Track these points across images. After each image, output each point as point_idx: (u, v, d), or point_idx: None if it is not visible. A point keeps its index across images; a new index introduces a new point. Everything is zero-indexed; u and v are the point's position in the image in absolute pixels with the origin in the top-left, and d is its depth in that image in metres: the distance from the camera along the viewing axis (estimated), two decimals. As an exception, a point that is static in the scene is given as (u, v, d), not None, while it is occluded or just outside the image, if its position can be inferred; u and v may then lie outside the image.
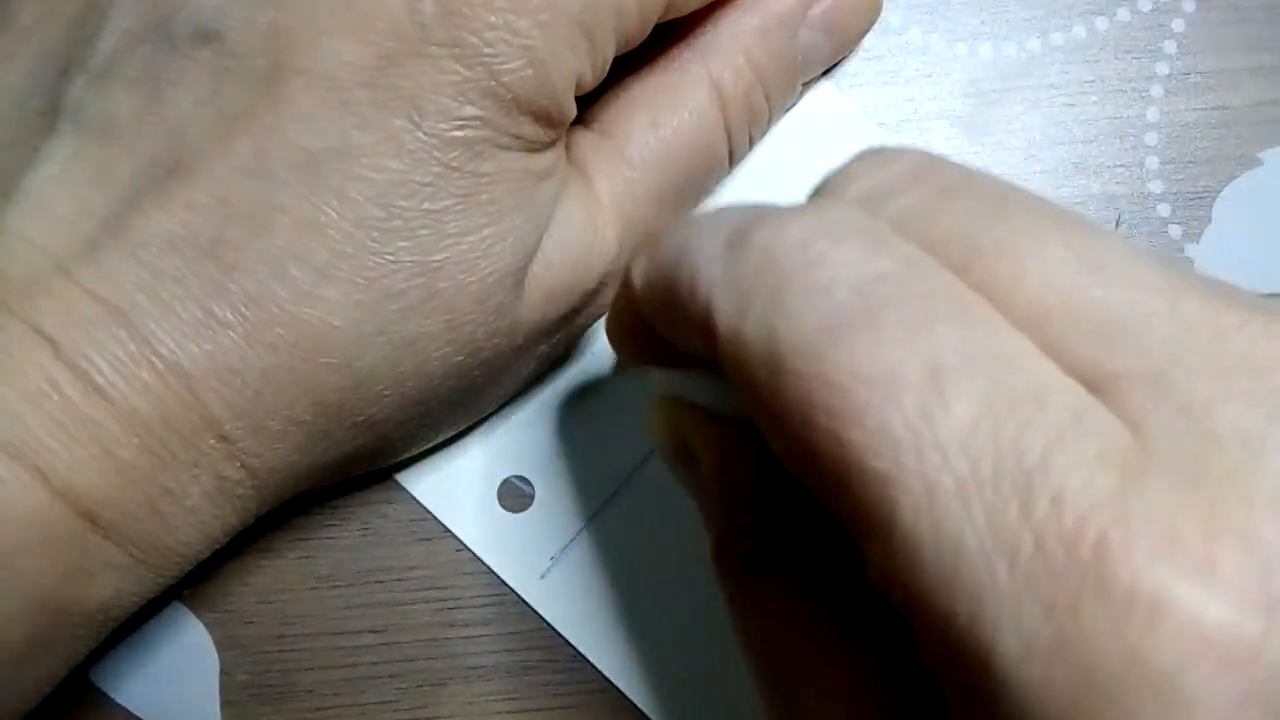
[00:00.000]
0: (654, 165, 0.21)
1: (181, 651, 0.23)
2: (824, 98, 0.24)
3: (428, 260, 0.17)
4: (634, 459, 0.23)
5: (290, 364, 0.17)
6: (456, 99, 0.17)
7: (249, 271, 0.17)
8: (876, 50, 0.25)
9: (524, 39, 0.17)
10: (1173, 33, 0.25)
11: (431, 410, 0.19)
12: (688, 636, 0.23)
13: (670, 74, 0.21)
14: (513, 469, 0.23)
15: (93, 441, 0.16)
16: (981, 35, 0.25)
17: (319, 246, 0.17)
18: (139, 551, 0.17)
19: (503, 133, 0.17)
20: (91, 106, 0.17)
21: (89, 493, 0.16)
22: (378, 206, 0.17)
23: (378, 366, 0.18)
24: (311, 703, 0.23)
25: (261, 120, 0.17)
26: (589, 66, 0.18)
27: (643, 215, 0.21)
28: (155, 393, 0.16)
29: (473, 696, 0.23)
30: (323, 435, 0.18)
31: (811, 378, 0.12)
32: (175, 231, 0.17)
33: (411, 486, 0.23)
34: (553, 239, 0.19)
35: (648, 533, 0.23)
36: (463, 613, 0.23)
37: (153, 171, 0.17)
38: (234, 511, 0.18)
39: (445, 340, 0.18)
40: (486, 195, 0.18)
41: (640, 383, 0.23)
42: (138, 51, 0.17)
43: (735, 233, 0.14)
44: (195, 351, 0.17)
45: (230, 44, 0.17)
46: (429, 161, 0.17)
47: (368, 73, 0.17)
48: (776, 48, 0.22)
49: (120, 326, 0.16)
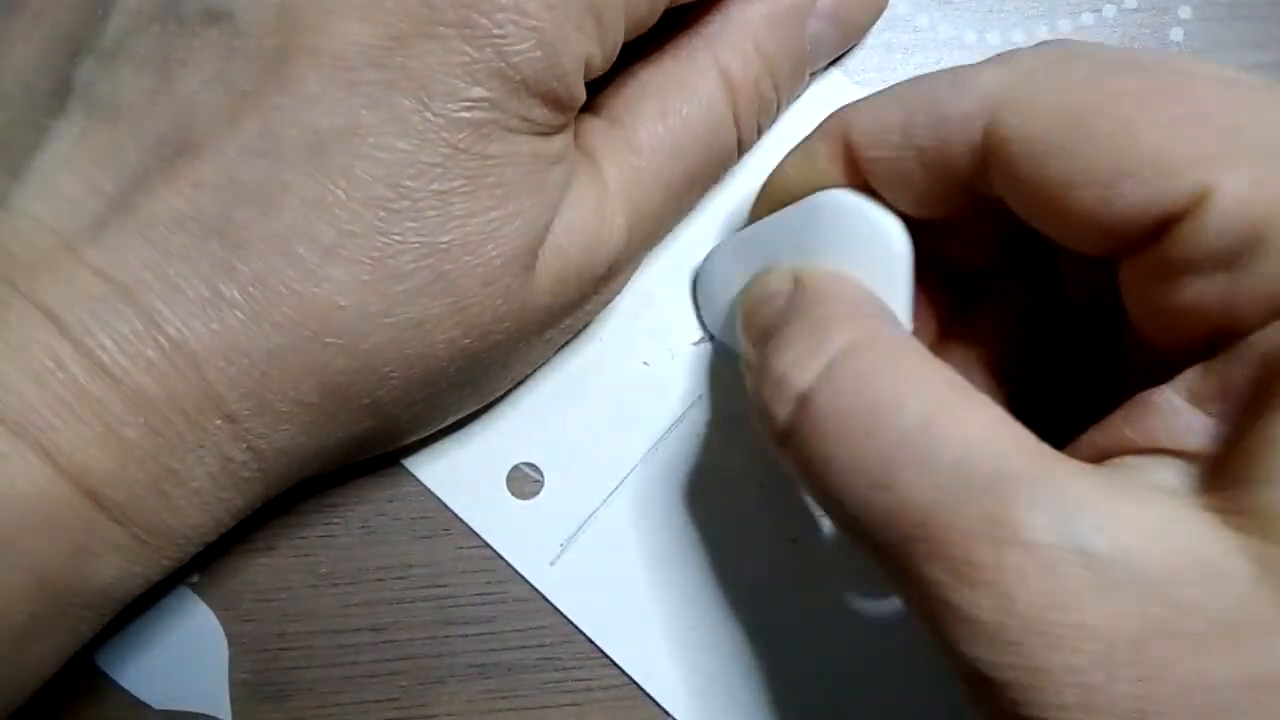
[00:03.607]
0: (663, 153, 0.21)
1: (189, 636, 0.23)
2: (833, 86, 0.25)
3: (435, 241, 0.18)
4: (644, 446, 0.24)
5: (297, 344, 0.17)
6: (465, 80, 0.17)
7: (256, 251, 0.17)
8: (885, 39, 0.25)
9: (533, 20, 0.17)
10: (1180, 19, 0.25)
11: (438, 393, 0.20)
12: (698, 622, 0.23)
13: (679, 62, 0.22)
14: (522, 455, 0.24)
15: (97, 420, 0.16)
16: (990, 23, 0.25)
17: (326, 226, 0.17)
18: (143, 532, 0.17)
19: (511, 115, 0.18)
20: (100, 86, 0.18)
21: (93, 471, 0.16)
22: (385, 186, 0.17)
23: (384, 348, 0.18)
24: (312, 700, 0.23)
25: (270, 100, 0.17)
26: (598, 49, 0.19)
27: (651, 203, 0.21)
28: (161, 371, 0.17)
29: (473, 694, 0.23)
30: (329, 417, 0.18)
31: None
32: (183, 210, 0.17)
33: (420, 473, 0.24)
34: (562, 224, 0.20)
35: (658, 519, 0.24)
36: (463, 611, 0.23)
37: (161, 151, 0.17)
38: (239, 494, 0.18)
39: (452, 323, 0.18)
40: (494, 178, 0.18)
41: (651, 371, 0.24)
42: (147, 31, 0.18)
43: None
44: (202, 330, 0.17)
45: (239, 24, 0.17)
46: (437, 142, 0.17)
47: (376, 53, 0.17)
48: (785, 37, 0.22)
49: (126, 305, 0.16)
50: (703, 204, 0.24)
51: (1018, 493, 0.15)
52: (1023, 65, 0.18)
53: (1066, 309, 0.21)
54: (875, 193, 0.20)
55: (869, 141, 0.19)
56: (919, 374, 0.17)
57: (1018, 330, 0.21)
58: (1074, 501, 0.15)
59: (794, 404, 0.18)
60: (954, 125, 0.18)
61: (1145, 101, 0.16)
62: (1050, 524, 0.15)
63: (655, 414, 0.24)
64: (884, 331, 0.18)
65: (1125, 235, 0.16)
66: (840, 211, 0.20)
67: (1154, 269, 0.17)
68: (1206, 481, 0.16)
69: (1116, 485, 0.15)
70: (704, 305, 0.24)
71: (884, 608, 0.23)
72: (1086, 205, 0.16)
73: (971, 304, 0.22)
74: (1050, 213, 0.17)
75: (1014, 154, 0.17)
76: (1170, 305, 0.16)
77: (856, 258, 0.19)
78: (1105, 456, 0.17)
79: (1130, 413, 0.17)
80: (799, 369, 0.18)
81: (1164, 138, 0.16)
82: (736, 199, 0.25)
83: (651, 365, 0.24)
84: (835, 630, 0.23)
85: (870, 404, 0.17)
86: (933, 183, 0.19)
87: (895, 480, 0.16)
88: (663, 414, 0.24)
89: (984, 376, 0.21)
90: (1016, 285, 0.22)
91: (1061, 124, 0.17)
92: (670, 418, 0.24)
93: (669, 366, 0.24)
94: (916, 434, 0.16)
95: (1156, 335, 0.17)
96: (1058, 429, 0.18)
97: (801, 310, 0.19)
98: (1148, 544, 0.15)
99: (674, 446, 0.24)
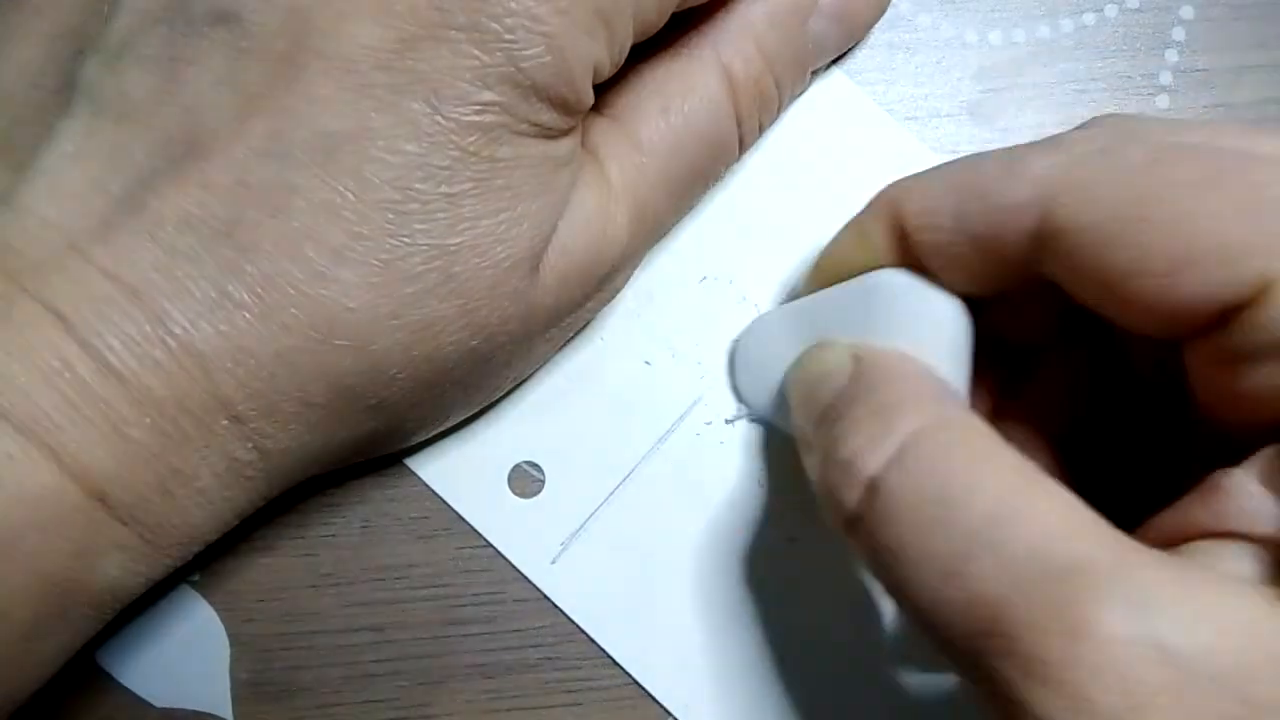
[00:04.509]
0: (664, 150, 0.21)
1: (190, 635, 0.23)
2: (834, 85, 0.25)
3: (444, 244, 0.18)
4: (645, 444, 0.24)
5: (305, 345, 0.17)
6: (475, 84, 0.17)
7: (264, 252, 0.17)
8: (887, 38, 0.26)
9: (544, 26, 0.17)
10: (1181, 19, 0.26)
11: (444, 394, 0.20)
12: (699, 621, 0.24)
13: (681, 60, 0.22)
14: (523, 454, 0.24)
15: (104, 420, 0.16)
16: (992, 22, 0.26)
17: (335, 228, 0.17)
18: (148, 532, 0.17)
19: (520, 119, 0.18)
20: (107, 85, 0.18)
21: (99, 472, 0.16)
22: (394, 189, 0.17)
23: (391, 349, 0.18)
24: (312, 700, 0.23)
25: (278, 102, 0.17)
26: (607, 55, 0.19)
27: (653, 201, 0.22)
28: (168, 372, 0.17)
29: (473, 694, 0.23)
30: (335, 418, 0.19)
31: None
32: (191, 211, 0.17)
33: (422, 472, 0.24)
34: (567, 224, 0.20)
35: (658, 518, 0.24)
36: (463, 610, 0.23)
37: (168, 151, 0.17)
38: (243, 493, 0.19)
39: (460, 324, 0.19)
40: (503, 180, 0.18)
41: (652, 370, 0.24)
42: (155, 31, 0.18)
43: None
44: (209, 331, 0.17)
45: (248, 25, 0.17)
46: (446, 145, 0.17)
47: (386, 56, 0.17)
48: (787, 35, 0.23)
49: (134, 305, 0.17)
50: (705, 202, 0.25)
51: (1093, 585, 0.14)
52: (1076, 150, 0.18)
53: (1125, 385, 0.21)
54: (929, 271, 0.20)
55: (921, 225, 0.19)
56: (990, 460, 0.17)
57: (1077, 408, 0.21)
58: (1151, 595, 0.14)
59: (863, 490, 0.17)
60: (1007, 213, 0.18)
61: (1203, 189, 0.16)
62: (1127, 619, 0.14)
63: (656, 413, 0.24)
64: (953, 415, 0.18)
65: (1188, 323, 0.16)
66: (898, 291, 0.20)
67: (1219, 355, 0.16)
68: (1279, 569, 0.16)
69: (1193, 576, 0.15)
70: (743, 377, 0.24)
71: (891, 607, 0.24)
72: (1147, 294, 0.16)
73: (1025, 380, 0.22)
74: (1110, 300, 0.17)
75: (1071, 244, 0.17)
76: (1237, 390, 0.16)
77: (915, 337, 0.19)
78: (1175, 541, 0.17)
79: (1202, 496, 0.17)
80: (868, 454, 0.17)
81: (1224, 227, 0.16)
82: (743, 196, 0.25)
83: (652, 364, 0.24)
84: (835, 629, 0.24)
85: (942, 491, 0.16)
86: (987, 266, 0.19)
87: (967, 571, 0.15)
88: (664, 413, 0.24)
89: (1042, 456, 0.21)
90: (1072, 361, 0.21)
91: (1119, 214, 0.16)
92: (671, 417, 0.24)
93: (670, 365, 0.24)
94: (989, 523, 0.16)
95: (1225, 418, 0.17)
96: (1122, 511, 0.17)
97: (866, 391, 0.18)
98: (1227, 640, 0.14)
99: (675, 445, 0.24)
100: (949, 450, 0.17)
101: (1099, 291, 0.17)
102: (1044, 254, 0.18)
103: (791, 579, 0.24)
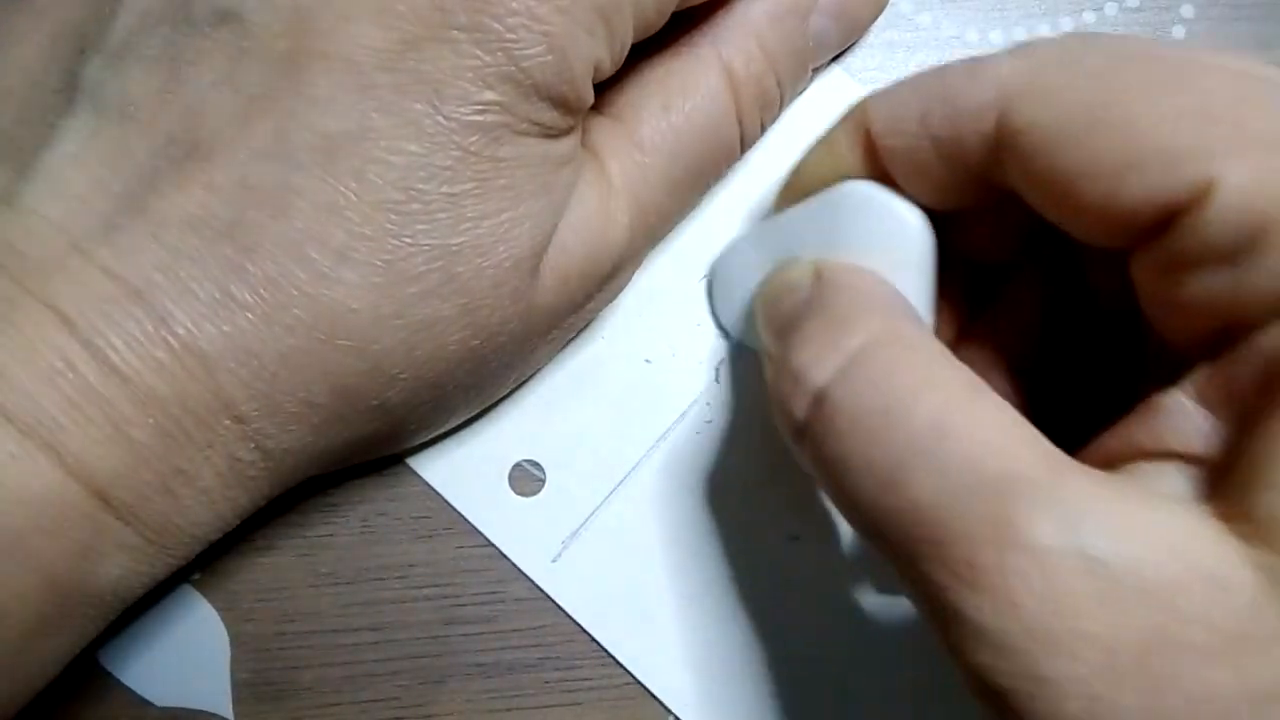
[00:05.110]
0: (666, 149, 0.21)
1: (191, 634, 0.23)
2: (835, 83, 0.25)
3: (446, 244, 0.18)
4: (646, 443, 0.24)
5: (307, 346, 0.18)
6: (476, 84, 0.17)
7: (267, 253, 0.17)
8: (887, 36, 0.26)
9: (544, 25, 0.17)
10: (1182, 18, 0.26)
11: (446, 394, 0.20)
12: (700, 619, 0.24)
13: (682, 58, 0.22)
14: (524, 453, 0.24)
15: (107, 421, 0.16)
16: (992, 21, 0.26)
17: (337, 229, 0.17)
18: (150, 532, 0.17)
19: (521, 118, 0.18)
20: (110, 86, 0.18)
21: (102, 472, 0.16)
22: (396, 189, 0.17)
23: (394, 350, 0.18)
24: (312, 700, 0.23)
25: (281, 103, 0.17)
26: (607, 53, 0.19)
27: (654, 200, 0.22)
28: (171, 373, 0.17)
29: (473, 694, 0.23)
30: (338, 418, 0.19)
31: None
32: (193, 212, 0.17)
33: (422, 470, 0.24)
34: (568, 224, 0.20)
35: (660, 517, 0.24)
36: (463, 610, 0.24)
37: (171, 152, 0.17)
38: (246, 493, 0.19)
39: (462, 324, 0.19)
40: (505, 180, 0.18)
41: (653, 368, 0.24)
42: (157, 31, 0.18)
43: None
44: (212, 332, 0.17)
45: (250, 25, 0.17)
46: (448, 145, 0.18)
47: (388, 56, 0.17)
48: (788, 33, 0.23)
49: (137, 306, 0.17)
50: (706, 201, 0.25)
51: (1025, 496, 0.15)
52: (1038, 56, 0.18)
53: (1089, 307, 0.21)
54: (896, 184, 0.20)
55: (886, 130, 0.19)
56: (934, 373, 0.17)
57: (1038, 329, 0.22)
58: (1081, 508, 0.15)
59: (810, 401, 0.18)
60: (969, 115, 0.18)
61: (1153, 93, 0.16)
62: (1056, 529, 0.15)
63: (657, 411, 0.24)
64: (903, 329, 0.18)
65: (1132, 228, 0.17)
66: (862, 203, 0.20)
67: (1162, 262, 0.17)
68: (1213, 487, 0.16)
69: (1125, 492, 0.15)
70: (720, 298, 0.25)
71: (893, 605, 0.24)
72: (1094, 197, 0.17)
73: (992, 301, 0.22)
74: (1060, 204, 0.17)
75: (1025, 144, 0.17)
76: (1178, 300, 0.17)
77: (878, 250, 0.19)
78: (1117, 461, 0.17)
79: (1141, 416, 0.17)
80: (817, 365, 0.18)
81: (1169, 129, 0.16)
82: (745, 194, 0.25)
83: (653, 363, 0.25)
84: (837, 627, 0.24)
85: (884, 403, 0.17)
86: (950, 173, 0.19)
87: (905, 481, 0.16)
88: (665, 411, 0.24)
89: (1003, 376, 0.22)
90: (1038, 282, 0.22)
91: (1073, 116, 0.17)
92: (672, 415, 0.24)
93: (671, 364, 0.25)
94: (927, 435, 0.16)
95: (1169, 332, 0.18)
96: (1078, 431, 0.18)
97: (821, 304, 0.19)
98: (1154, 553, 0.15)
99: (676, 443, 0.24)
100: (895, 364, 0.17)
101: (1051, 196, 0.17)
102: (1002, 158, 0.18)
103: (792, 578, 0.24)
